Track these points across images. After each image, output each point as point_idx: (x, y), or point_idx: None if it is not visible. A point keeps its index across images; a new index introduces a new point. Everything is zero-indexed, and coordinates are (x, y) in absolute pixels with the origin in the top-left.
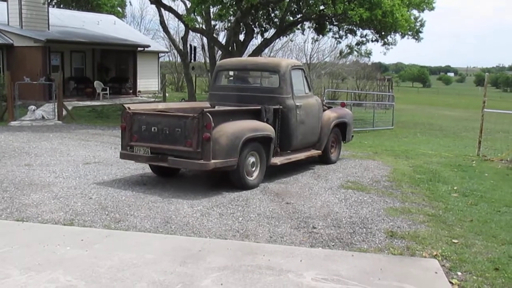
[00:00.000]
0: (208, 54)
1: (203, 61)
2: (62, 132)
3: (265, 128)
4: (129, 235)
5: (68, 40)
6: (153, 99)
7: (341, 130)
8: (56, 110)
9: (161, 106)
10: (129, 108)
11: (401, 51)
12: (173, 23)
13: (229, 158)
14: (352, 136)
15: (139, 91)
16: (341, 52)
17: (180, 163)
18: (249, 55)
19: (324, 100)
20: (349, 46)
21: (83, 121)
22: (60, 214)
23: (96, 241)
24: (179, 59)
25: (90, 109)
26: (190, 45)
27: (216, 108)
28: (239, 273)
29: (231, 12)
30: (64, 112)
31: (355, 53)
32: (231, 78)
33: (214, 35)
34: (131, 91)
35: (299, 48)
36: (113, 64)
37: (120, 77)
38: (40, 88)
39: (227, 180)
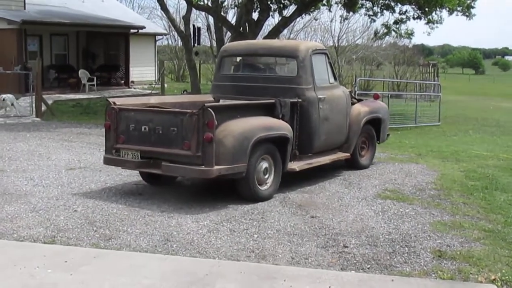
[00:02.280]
0: (215, 36)
1: (208, 44)
2: (41, 131)
3: (281, 126)
4: (122, 256)
5: (48, 21)
6: (149, 91)
7: (375, 128)
8: (33, 104)
9: (153, 100)
10: (114, 103)
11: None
12: None
13: (236, 163)
14: (388, 134)
15: (132, 82)
16: (376, 33)
17: (177, 169)
18: (265, 37)
19: (355, 91)
20: (386, 25)
21: (65, 118)
22: (40, 230)
23: (82, 262)
24: (180, 43)
25: (74, 103)
26: (193, 26)
27: (221, 102)
28: None
29: None
30: (43, 107)
31: (393, 33)
32: (239, 65)
33: (222, 13)
34: (122, 81)
35: (325, 28)
36: (101, 50)
37: (109, 65)
38: (15, 79)
39: (234, 190)
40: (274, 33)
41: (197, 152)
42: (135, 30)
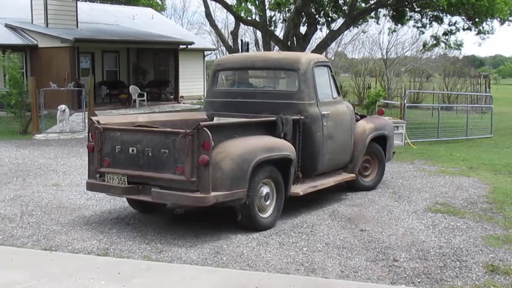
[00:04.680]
0: (262, 50)
1: None
2: None
3: (283, 147)
4: (173, 268)
5: (100, 39)
6: (198, 106)
7: (381, 145)
8: (86, 120)
9: (141, 118)
10: (98, 121)
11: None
12: (220, 15)
13: (236, 189)
14: (394, 152)
15: (182, 97)
16: (424, 45)
17: (168, 196)
18: (313, 51)
19: (404, 104)
20: (435, 37)
21: None
22: (93, 242)
23: (134, 274)
24: None
25: None
26: (242, 41)
27: (215, 120)
28: None
29: (291, 0)
30: None
31: (442, 45)
32: (234, 80)
33: (270, 28)
34: (172, 96)
35: (373, 40)
36: (151, 65)
37: (159, 81)
38: (68, 95)
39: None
40: (322, 46)
41: (191, 177)
42: (184, 46)
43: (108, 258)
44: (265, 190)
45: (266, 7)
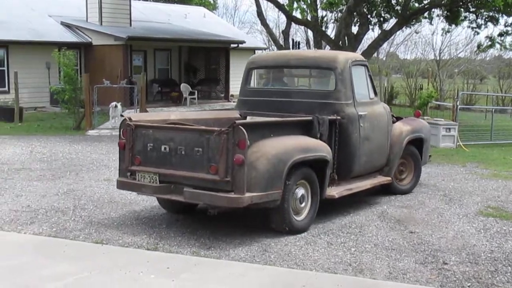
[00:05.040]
0: (314, 50)
1: None
2: None
3: (319, 148)
4: (221, 264)
5: (152, 37)
6: None
7: (417, 148)
8: None
9: (174, 116)
10: (130, 118)
11: None
12: (272, 14)
13: (271, 190)
14: (430, 156)
15: (232, 95)
16: (479, 46)
17: (201, 196)
18: (364, 52)
19: (457, 106)
20: (490, 38)
21: None
22: (143, 237)
23: (183, 269)
24: None
25: None
26: (293, 40)
27: (248, 119)
28: None
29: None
30: None
31: (497, 46)
32: (268, 78)
33: (322, 27)
34: (222, 95)
35: (426, 41)
36: (202, 64)
37: (209, 79)
38: (121, 93)
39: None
40: (374, 46)
41: (225, 176)
42: (235, 45)
43: (157, 253)
44: (300, 192)
45: (318, 7)
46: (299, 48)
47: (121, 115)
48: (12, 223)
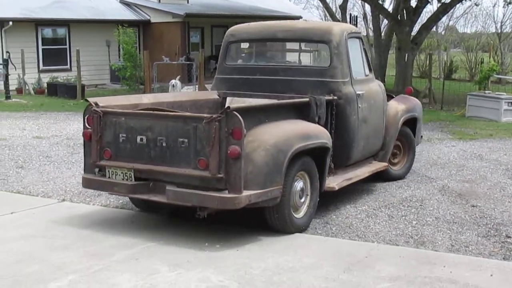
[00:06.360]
0: (371, 25)
1: (364, 33)
2: None
3: (320, 134)
4: (283, 235)
5: (209, 14)
6: None
7: (411, 128)
8: None
9: (146, 99)
10: (96, 103)
11: None
12: None
13: (270, 186)
14: (421, 137)
15: None
16: None
17: (188, 196)
18: (423, 26)
19: None
20: None
21: None
22: None
23: (246, 240)
24: None
25: None
26: (350, 15)
27: (229, 101)
28: (414, 285)
29: None
30: None
31: None
32: (251, 53)
33: (380, 1)
34: None
35: (487, 14)
36: None
37: None
38: (179, 69)
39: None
40: (433, 20)
41: (218, 172)
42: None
43: (222, 225)
44: (299, 185)
45: None
46: (356, 23)
47: (86, 99)
48: (80, 195)
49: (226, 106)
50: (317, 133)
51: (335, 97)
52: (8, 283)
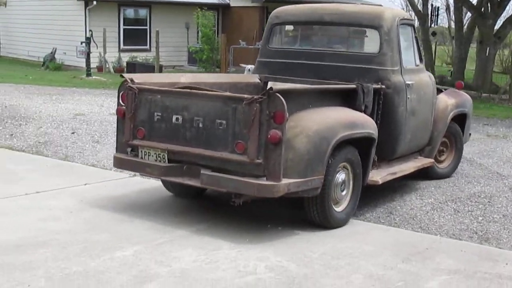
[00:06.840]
0: (453, 17)
1: (446, 25)
2: None
3: (366, 123)
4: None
5: (289, 0)
6: None
7: (459, 125)
8: None
9: (184, 79)
10: (132, 80)
11: None
12: None
13: (311, 175)
14: (470, 134)
15: None
16: None
17: (223, 182)
18: (507, 19)
19: None
20: None
21: None
22: None
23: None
24: (417, 23)
25: None
26: (432, 6)
27: (271, 84)
28: (473, 280)
29: None
30: None
31: None
32: (296, 37)
33: None
34: None
35: None
36: None
37: None
38: (256, 53)
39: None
40: None
41: (256, 157)
42: None
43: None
44: (341, 177)
45: None
46: (438, 15)
47: (121, 75)
48: None
49: (269, 87)
50: (363, 122)
51: (383, 86)
52: (78, 248)
